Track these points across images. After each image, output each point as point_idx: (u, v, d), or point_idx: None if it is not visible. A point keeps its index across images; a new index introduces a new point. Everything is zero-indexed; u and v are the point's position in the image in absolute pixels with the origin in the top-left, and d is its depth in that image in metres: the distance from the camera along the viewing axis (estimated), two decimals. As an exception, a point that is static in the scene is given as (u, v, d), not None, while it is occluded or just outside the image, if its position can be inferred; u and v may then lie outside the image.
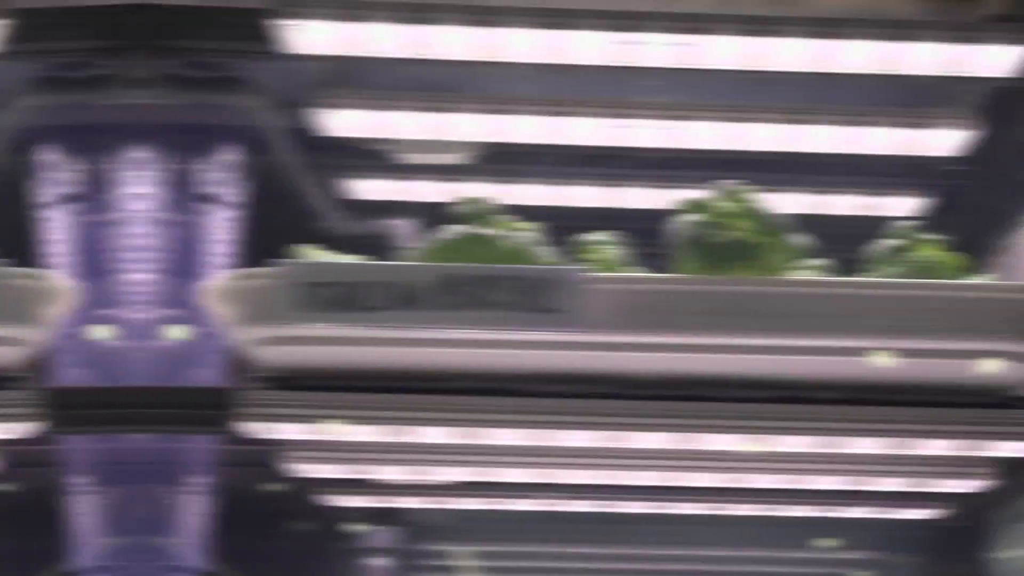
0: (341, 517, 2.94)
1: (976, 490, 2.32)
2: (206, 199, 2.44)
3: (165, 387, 2.37)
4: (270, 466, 2.47)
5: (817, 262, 2.09)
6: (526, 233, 2.04)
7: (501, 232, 2.02)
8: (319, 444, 2.30)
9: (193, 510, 2.45)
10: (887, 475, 2.30)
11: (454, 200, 2.07)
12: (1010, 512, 2.70)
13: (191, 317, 2.48)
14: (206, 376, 2.52)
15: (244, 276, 2.05)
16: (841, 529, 2.92)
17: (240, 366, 2.72)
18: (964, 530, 2.86)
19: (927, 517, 2.66)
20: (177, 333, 2.46)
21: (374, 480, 2.46)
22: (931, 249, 2.05)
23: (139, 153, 2.38)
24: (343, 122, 2.52)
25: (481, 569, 2.92)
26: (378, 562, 2.80)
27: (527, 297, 1.92)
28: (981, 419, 2.04)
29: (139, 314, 2.38)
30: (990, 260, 2.71)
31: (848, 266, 2.08)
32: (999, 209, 2.67)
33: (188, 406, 2.22)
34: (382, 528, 2.80)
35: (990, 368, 1.98)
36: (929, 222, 2.30)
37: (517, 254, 2.01)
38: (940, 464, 2.29)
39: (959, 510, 2.72)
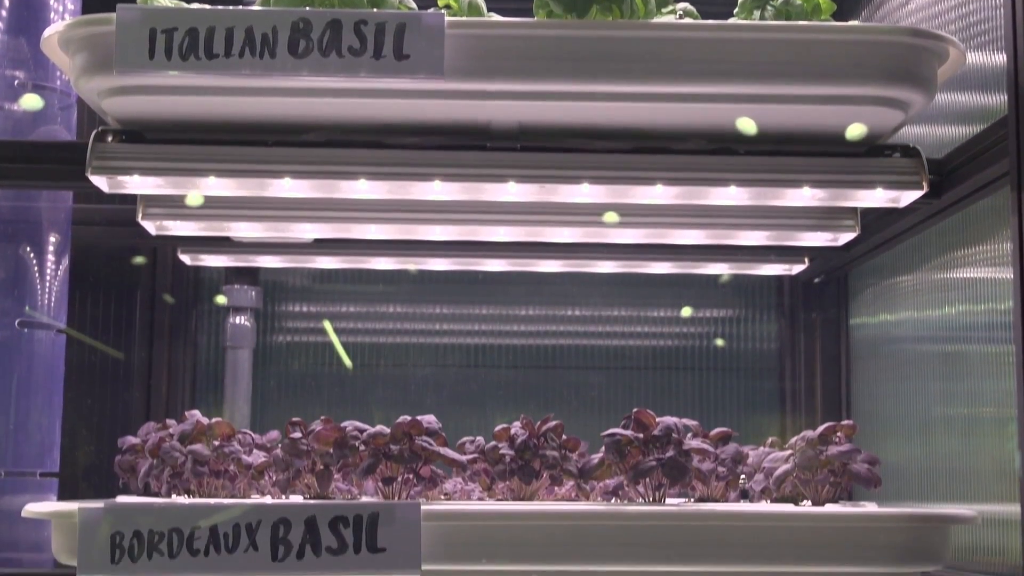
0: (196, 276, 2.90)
1: (840, 242, 2.34)
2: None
3: (14, 141, 2.29)
4: (124, 223, 2.41)
5: (680, 6, 2.04)
6: (381, -24, 1.96)
7: (355, -26, 1.94)
8: (173, 200, 2.25)
9: (47, 268, 2.39)
10: (750, 228, 2.31)
11: (306, -59, 1.98)
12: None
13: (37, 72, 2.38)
14: (56, 131, 2.43)
15: (87, 23, 1.95)
16: (704, 286, 2.97)
17: (89, 119, 2.63)
18: (826, 284, 2.92)
19: (790, 272, 2.70)
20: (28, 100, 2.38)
21: (230, 237, 2.42)
22: (799, -7, 2.01)
23: None
24: None
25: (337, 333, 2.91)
26: (239, 321, 2.79)
27: (381, 42, 1.85)
28: (846, 168, 2.04)
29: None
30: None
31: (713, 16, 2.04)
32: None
33: (39, 160, 2.14)
34: (240, 287, 2.78)
35: (856, 114, 1.97)
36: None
37: (372, -2, 1.94)
38: (804, 216, 2.30)
39: (822, 263, 2.76)
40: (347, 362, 2.91)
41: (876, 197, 2.08)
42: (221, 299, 2.83)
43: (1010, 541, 2.11)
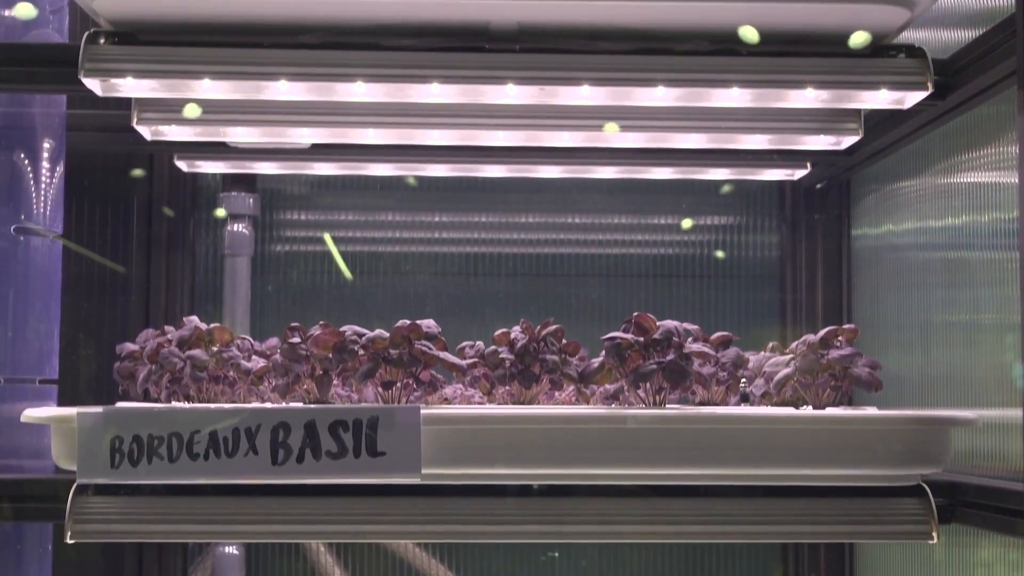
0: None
1: (843, 146, 2.32)
2: None
3: (5, 44, 2.26)
4: (118, 129, 2.39)
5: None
6: None
7: None
8: (167, 104, 2.22)
9: (42, 175, 2.37)
10: (752, 131, 2.28)
11: None
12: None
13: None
14: (47, 35, 2.40)
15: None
16: (705, 193, 2.94)
17: (83, 20, 2.59)
18: (828, 190, 2.90)
19: (791, 177, 2.67)
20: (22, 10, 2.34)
21: (226, 143, 2.39)
22: None
23: None
24: None
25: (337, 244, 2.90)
26: (237, 228, 2.77)
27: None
28: (850, 68, 2.01)
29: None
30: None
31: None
32: None
33: (30, 63, 2.11)
34: (238, 194, 2.76)
35: (860, 13, 1.94)
36: None
37: None
38: (807, 119, 2.27)
39: (824, 169, 2.74)
40: (345, 271, 2.90)
41: (880, 99, 2.05)
42: (220, 212, 2.81)
43: (1010, 446, 2.11)
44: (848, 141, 2.29)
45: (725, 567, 2.85)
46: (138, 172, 2.80)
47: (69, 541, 1.91)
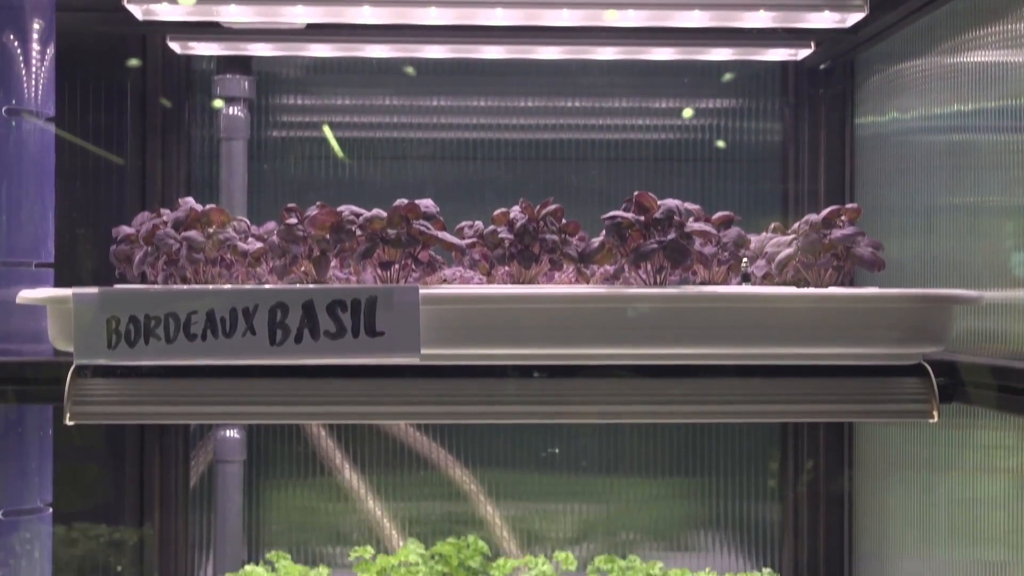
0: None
1: (848, 24, 2.28)
2: None
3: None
4: (109, 8, 2.35)
5: None
6: None
7: None
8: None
9: (32, 56, 2.33)
10: (756, 8, 2.24)
11: None
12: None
13: None
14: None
15: None
16: (707, 75, 2.90)
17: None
18: (831, 71, 2.86)
19: (795, 57, 2.63)
20: None
21: (220, 23, 2.35)
22: None
23: None
24: None
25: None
26: (232, 112, 2.73)
27: None
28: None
29: None
30: None
31: None
32: None
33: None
34: (233, 77, 2.72)
35: None
36: None
37: None
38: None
39: (828, 48, 2.70)
40: (340, 154, 2.87)
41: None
42: (217, 103, 2.77)
43: (1013, 327, 2.10)
44: (853, 18, 2.25)
45: (724, 452, 2.86)
46: (132, 58, 2.76)
47: (68, 423, 1.91)
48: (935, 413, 1.90)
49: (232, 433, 2.72)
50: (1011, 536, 2.08)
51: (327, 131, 2.86)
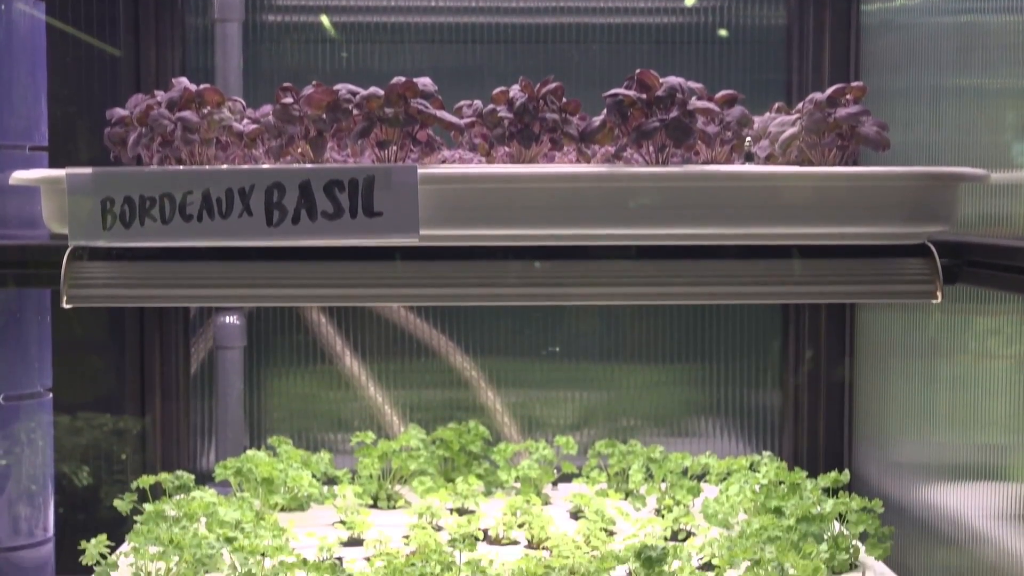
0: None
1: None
2: None
3: None
4: None
5: None
6: None
7: None
8: None
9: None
10: None
11: None
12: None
13: None
14: None
15: None
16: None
17: None
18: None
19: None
20: None
21: None
22: None
23: None
24: None
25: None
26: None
27: None
28: None
29: None
30: None
31: None
32: None
33: None
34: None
35: None
36: None
37: None
38: None
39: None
40: (335, 34, 2.82)
41: None
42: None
43: (1018, 208, 2.08)
44: None
45: (725, 338, 2.85)
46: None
47: (66, 306, 1.90)
48: (939, 294, 1.88)
49: (232, 319, 2.71)
50: (1012, 420, 2.08)
51: (324, 20, 2.82)
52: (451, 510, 2.41)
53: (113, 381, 2.72)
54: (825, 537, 2.11)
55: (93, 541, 2.02)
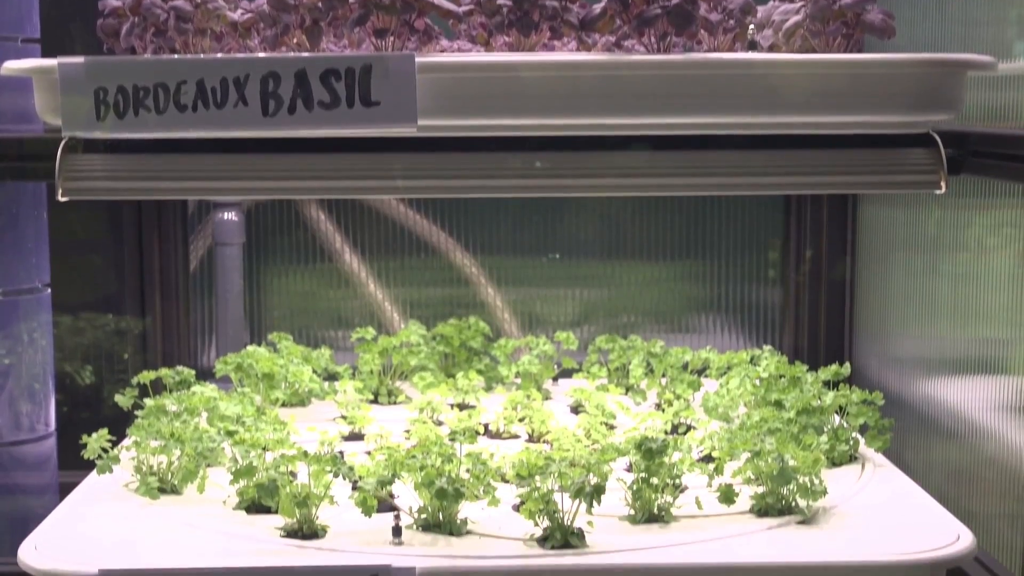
0: None
1: None
2: None
3: None
4: None
5: None
6: None
7: None
8: None
9: None
10: None
11: None
12: None
13: None
14: None
15: None
16: None
17: None
18: None
19: None
20: None
21: None
22: None
23: None
24: None
25: None
26: None
27: None
28: None
29: None
30: None
31: None
32: None
33: None
34: None
35: None
36: None
37: None
38: None
39: None
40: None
41: None
42: None
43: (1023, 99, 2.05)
44: None
45: (726, 235, 2.84)
46: None
47: (61, 199, 1.88)
48: (943, 184, 1.86)
49: (230, 215, 2.69)
50: (1013, 314, 2.07)
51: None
52: (452, 405, 2.41)
53: (112, 278, 2.71)
54: (825, 429, 2.11)
55: (95, 435, 2.02)
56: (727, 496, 1.90)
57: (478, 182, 1.89)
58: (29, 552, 1.78)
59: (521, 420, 2.30)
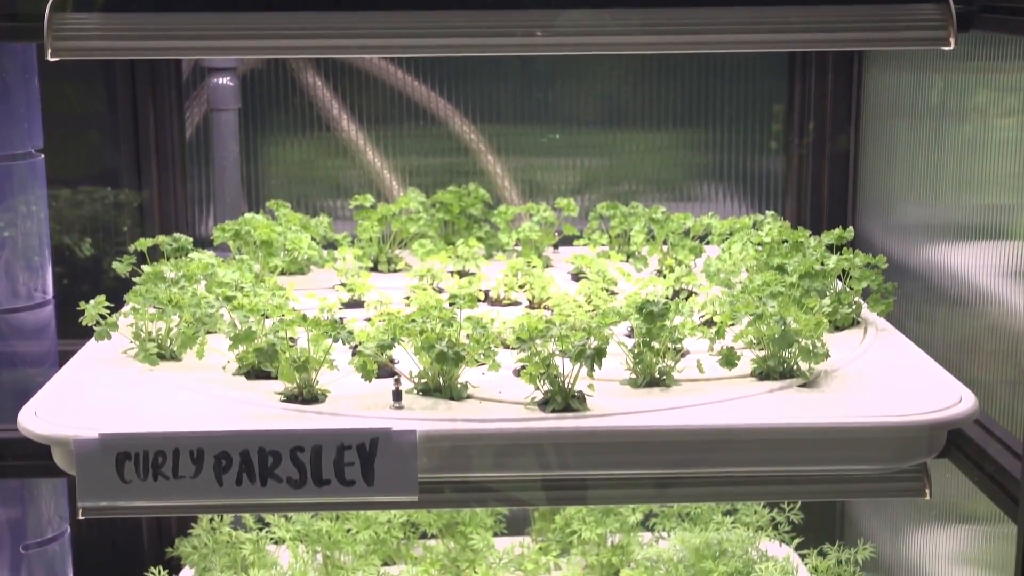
0: None
1: None
2: None
3: None
4: None
5: None
6: None
7: None
8: None
9: None
10: None
11: None
12: None
13: None
14: None
15: None
16: None
17: None
18: None
19: None
20: None
21: None
22: None
23: None
24: None
25: None
26: None
27: None
28: None
29: None
30: None
31: None
32: None
33: None
34: None
35: None
36: None
37: None
38: None
39: None
40: None
41: None
42: None
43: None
44: None
45: (729, 102, 2.80)
46: None
47: (51, 59, 1.84)
48: (952, 40, 1.82)
49: (225, 80, 2.65)
50: (1020, 180, 2.04)
51: None
52: (452, 273, 2.39)
53: (107, 146, 2.67)
54: (828, 293, 2.09)
55: (92, 302, 2.01)
56: (728, 359, 1.89)
57: (475, 40, 1.85)
58: (29, 417, 1.77)
59: (522, 287, 2.29)
